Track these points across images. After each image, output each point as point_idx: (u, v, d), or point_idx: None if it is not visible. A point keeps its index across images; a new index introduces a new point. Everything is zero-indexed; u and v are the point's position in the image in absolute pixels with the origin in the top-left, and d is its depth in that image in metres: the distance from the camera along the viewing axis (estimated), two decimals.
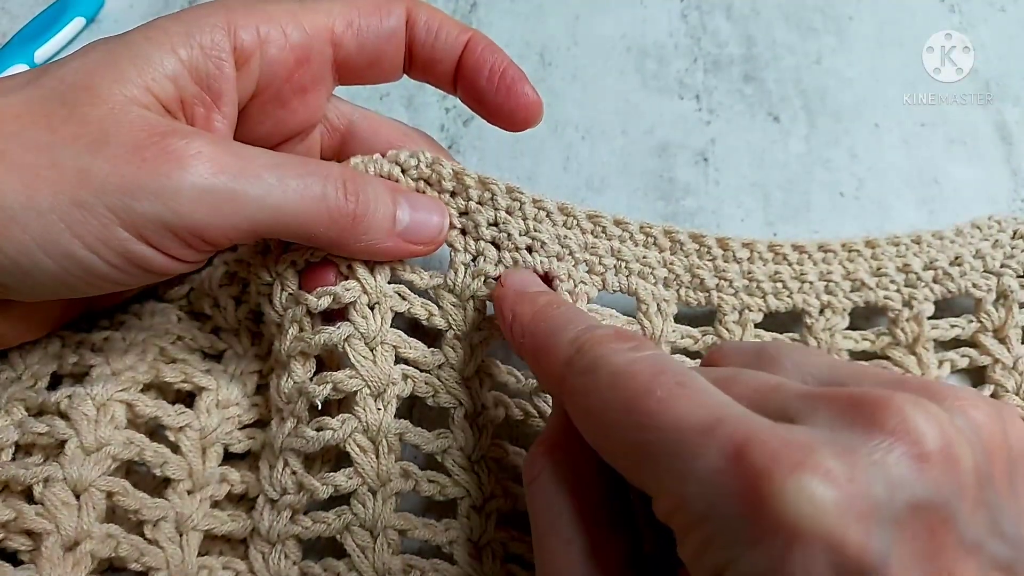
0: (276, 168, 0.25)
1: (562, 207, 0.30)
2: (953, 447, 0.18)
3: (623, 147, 0.39)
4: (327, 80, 0.29)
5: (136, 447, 0.27)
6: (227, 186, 0.24)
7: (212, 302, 0.31)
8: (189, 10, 0.27)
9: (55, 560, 0.25)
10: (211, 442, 0.29)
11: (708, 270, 0.31)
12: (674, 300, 0.31)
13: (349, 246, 0.27)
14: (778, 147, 0.39)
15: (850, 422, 0.18)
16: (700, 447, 0.18)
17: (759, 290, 0.31)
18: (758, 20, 0.43)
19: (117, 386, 0.28)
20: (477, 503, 0.29)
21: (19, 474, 0.26)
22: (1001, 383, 0.31)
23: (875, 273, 0.31)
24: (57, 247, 0.23)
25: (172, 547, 0.27)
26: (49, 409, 0.27)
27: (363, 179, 0.28)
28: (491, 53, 0.30)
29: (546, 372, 0.24)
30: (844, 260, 0.32)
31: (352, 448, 0.28)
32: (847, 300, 0.31)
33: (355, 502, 0.28)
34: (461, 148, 0.39)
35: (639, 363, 0.21)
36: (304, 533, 0.28)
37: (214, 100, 0.27)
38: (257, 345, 0.31)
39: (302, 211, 0.26)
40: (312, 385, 0.28)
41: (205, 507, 0.28)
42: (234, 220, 0.25)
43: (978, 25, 0.42)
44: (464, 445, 0.29)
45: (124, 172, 0.23)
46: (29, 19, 0.41)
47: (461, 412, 0.29)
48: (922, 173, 0.38)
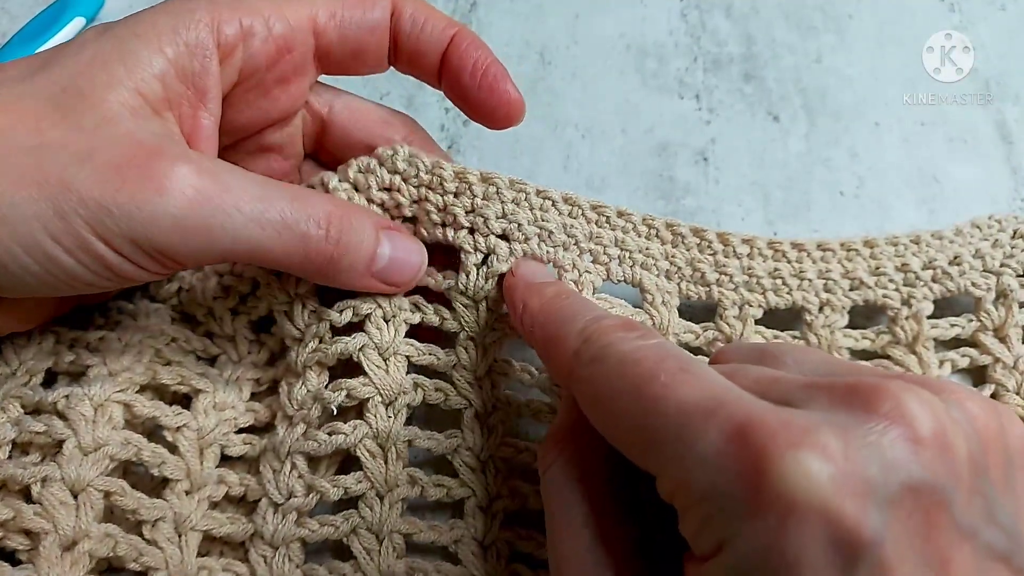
0: (258, 201, 0.25)
1: (566, 197, 0.30)
2: (947, 434, 0.18)
3: (623, 147, 0.39)
4: (309, 70, 0.30)
5: (134, 447, 0.27)
6: (203, 220, 0.24)
7: (205, 311, 0.31)
8: (175, 3, 0.27)
9: (53, 560, 0.25)
10: (208, 443, 0.29)
11: (709, 264, 0.31)
12: (676, 293, 0.31)
13: (322, 281, 0.28)
14: (778, 146, 0.39)
15: (847, 407, 0.18)
16: (702, 428, 0.19)
17: (759, 286, 0.31)
18: (758, 19, 0.43)
19: (115, 387, 0.28)
20: (483, 503, 0.29)
21: (17, 473, 0.26)
22: (1002, 382, 0.31)
23: (874, 272, 0.31)
24: (39, 249, 0.23)
25: (171, 547, 0.27)
26: (46, 408, 0.27)
27: (348, 217, 0.27)
28: (475, 49, 0.30)
29: (555, 362, 0.25)
30: (843, 259, 0.32)
31: (362, 453, 0.28)
32: (846, 298, 0.31)
33: (363, 505, 0.28)
34: (461, 148, 0.39)
35: (644, 350, 0.22)
36: (310, 536, 0.28)
37: (199, 98, 0.27)
38: (254, 353, 0.31)
39: (278, 248, 0.26)
40: (328, 392, 0.28)
41: (203, 508, 0.28)
42: (206, 250, 0.25)
43: (978, 25, 0.42)
44: (473, 445, 0.29)
45: (103, 190, 0.23)
46: (29, 19, 0.41)
47: (471, 412, 0.30)
48: (922, 172, 0.38)
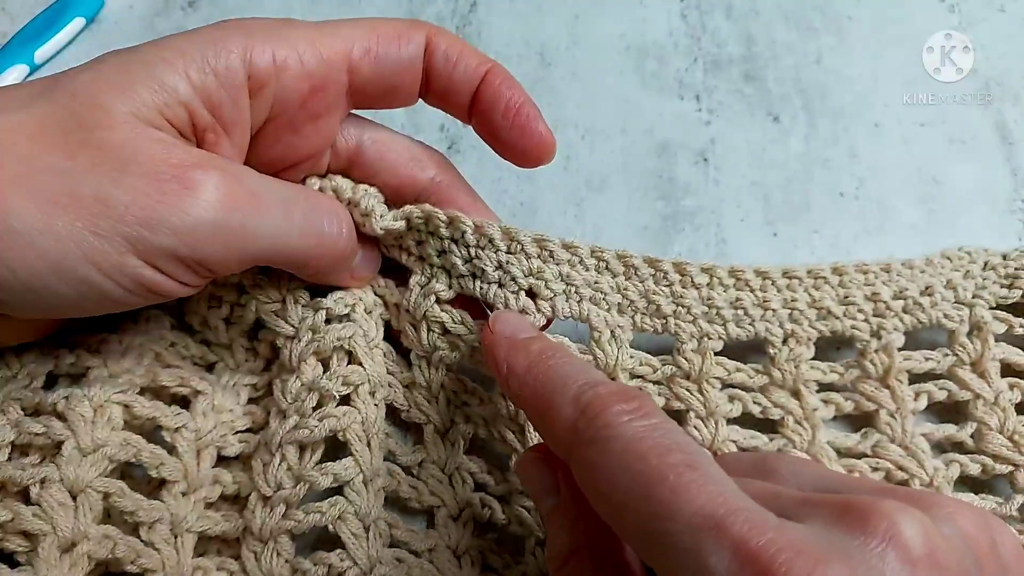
0: (284, 203, 0.27)
1: (506, 231, 0.29)
2: (938, 552, 0.19)
3: (623, 147, 0.39)
4: (341, 106, 0.29)
5: (133, 448, 0.27)
6: (240, 224, 0.25)
7: (201, 319, 0.32)
8: (206, 30, 0.26)
9: (52, 561, 0.25)
10: (205, 444, 0.29)
11: (665, 296, 0.30)
12: (629, 327, 0.30)
13: (319, 279, 0.30)
14: (778, 147, 0.39)
15: (844, 526, 0.19)
16: (714, 545, 0.19)
17: (719, 317, 0.30)
18: (758, 20, 0.43)
19: (114, 388, 0.28)
20: (454, 513, 0.29)
21: (16, 475, 0.26)
22: (984, 420, 0.31)
23: (842, 301, 0.31)
24: (73, 273, 0.23)
25: (168, 548, 0.27)
26: (45, 409, 0.27)
27: (349, 216, 0.29)
28: (508, 88, 0.29)
29: (551, 434, 0.24)
30: (810, 287, 0.31)
31: (351, 437, 0.28)
32: (812, 329, 0.30)
33: (349, 491, 0.28)
34: (461, 148, 0.39)
35: (648, 440, 0.21)
36: (297, 527, 0.28)
37: (226, 129, 0.27)
38: (250, 361, 0.32)
39: (301, 247, 0.27)
40: (324, 380, 0.29)
41: (199, 508, 0.28)
42: (240, 254, 0.26)
43: (978, 25, 0.42)
44: (438, 459, 0.30)
45: (144, 204, 0.23)
46: (29, 19, 0.41)
47: (431, 428, 0.30)
48: (922, 173, 0.38)
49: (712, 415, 0.30)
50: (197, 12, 0.42)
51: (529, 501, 0.29)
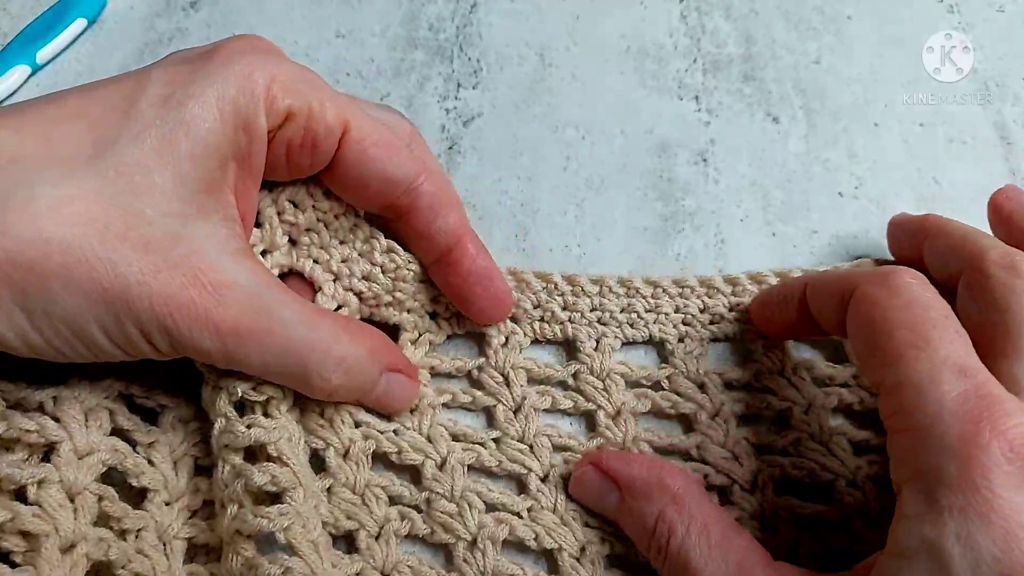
0: (290, 341, 0.26)
1: (391, 247, 0.31)
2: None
3: (623, 147, 0.39)
4: (322, 164, 0.28)
5: (120, 454, 0.27)
6: (236, 349, 0.26)
7: None
8: (232, 69, 0.26)
9: (54, 562, 0.25)
10: (180, 455, 0.29)
11: (558, 304, 0.33)
12: (525, 332, 0.33)
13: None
14: (777, 147, 0.39)
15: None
16: (951, 380, 0.22)
17: (613, 320, 0.33)
18: (757, 20, 0.43)
19: (102, 392, 0.28)
20: (373, 533, 0.29)
21: (13, 474, 0.25)
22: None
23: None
24: (84, 333, 0.24)
25: (157, 555, 0.27)
26: (30, 406, 0.27)
27: (358, 368, 0.28)
28: (481, 260, 0.31)
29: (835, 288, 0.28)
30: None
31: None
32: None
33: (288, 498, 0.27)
34: (461, 149, 0.39)
35: (929, 299, 0.25)
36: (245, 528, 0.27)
37: (252, 177, 0.27)
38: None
39: (287, 379, 0.28)
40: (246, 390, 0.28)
41: (184, 516, 0.28)
42: (231, 365, 0.26)
43: (977, 25, 0.42)
44: (347, 482, 0.30)
45: (163, 311, 0.24)
46: (30, 20, 0.42)
47: (332, 451, 0.30)
48: (922, 173, 0.38)
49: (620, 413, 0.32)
50: (198, 12, 0.42)
51: (449, 505, 0.30)
